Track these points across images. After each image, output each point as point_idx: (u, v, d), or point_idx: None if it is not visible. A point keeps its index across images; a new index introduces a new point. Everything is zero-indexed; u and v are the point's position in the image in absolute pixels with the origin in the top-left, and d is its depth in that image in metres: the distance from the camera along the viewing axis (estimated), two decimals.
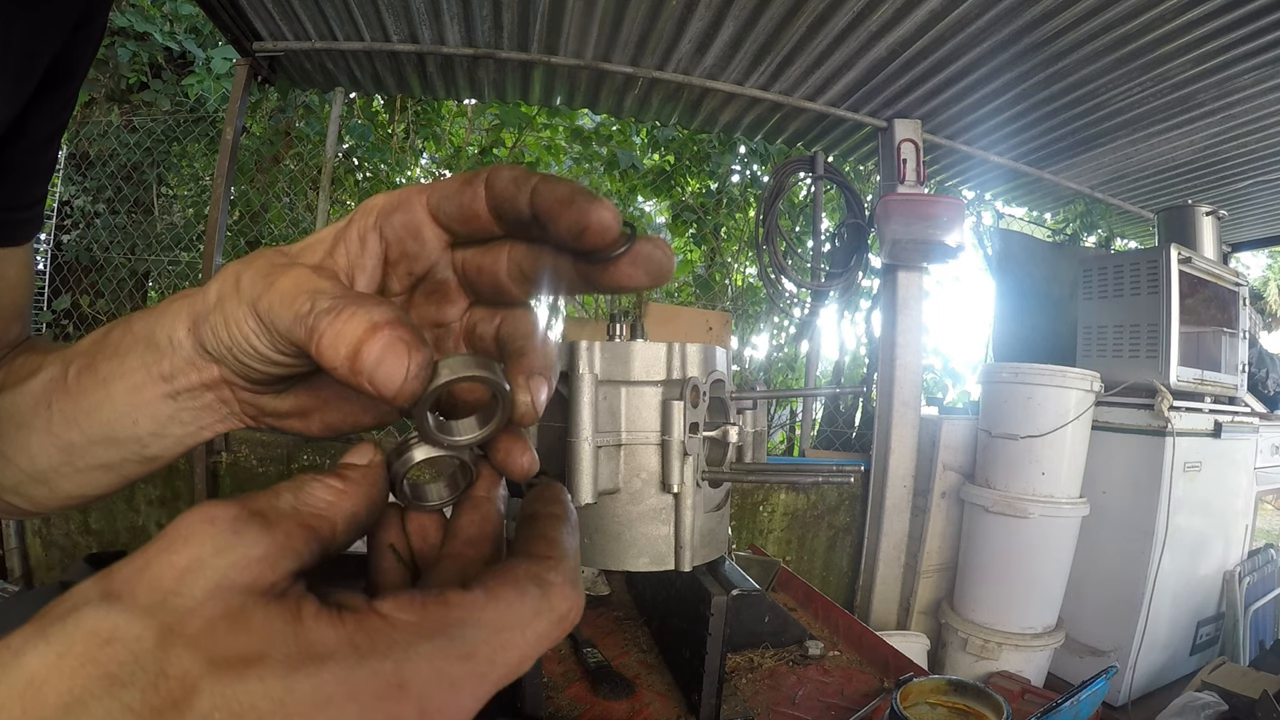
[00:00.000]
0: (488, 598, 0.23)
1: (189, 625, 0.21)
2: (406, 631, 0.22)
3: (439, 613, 0.23)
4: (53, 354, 0.42)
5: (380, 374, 0.25)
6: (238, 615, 0.21)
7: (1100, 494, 2.97)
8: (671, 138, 4.58)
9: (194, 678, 0.20)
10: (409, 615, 0.22)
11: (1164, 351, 2.89)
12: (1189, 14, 2.37)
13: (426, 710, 0.22)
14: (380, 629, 0.22)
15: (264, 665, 0.21)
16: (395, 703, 0.22)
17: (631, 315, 3.73)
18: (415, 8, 2.78)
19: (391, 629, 0.22)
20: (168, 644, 0.20)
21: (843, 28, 2.69)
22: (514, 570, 0.25)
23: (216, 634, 0.21)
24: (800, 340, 4.35)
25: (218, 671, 0.20)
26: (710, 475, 0.85)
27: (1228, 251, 4.64)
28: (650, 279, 0.29)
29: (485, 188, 0.30)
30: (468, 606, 0.23)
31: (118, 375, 0.37)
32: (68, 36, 0.47)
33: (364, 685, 0.21)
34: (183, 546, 0.22)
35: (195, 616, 0.21)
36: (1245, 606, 3.04)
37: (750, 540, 3.36)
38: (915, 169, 3.28)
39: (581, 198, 0.27)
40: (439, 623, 0.22)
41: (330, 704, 0.21)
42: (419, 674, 0.22)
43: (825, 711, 1.11)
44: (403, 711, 0.22)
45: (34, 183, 0.50)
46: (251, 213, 4.10)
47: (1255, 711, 2.07)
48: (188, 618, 0.21)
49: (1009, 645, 2.86)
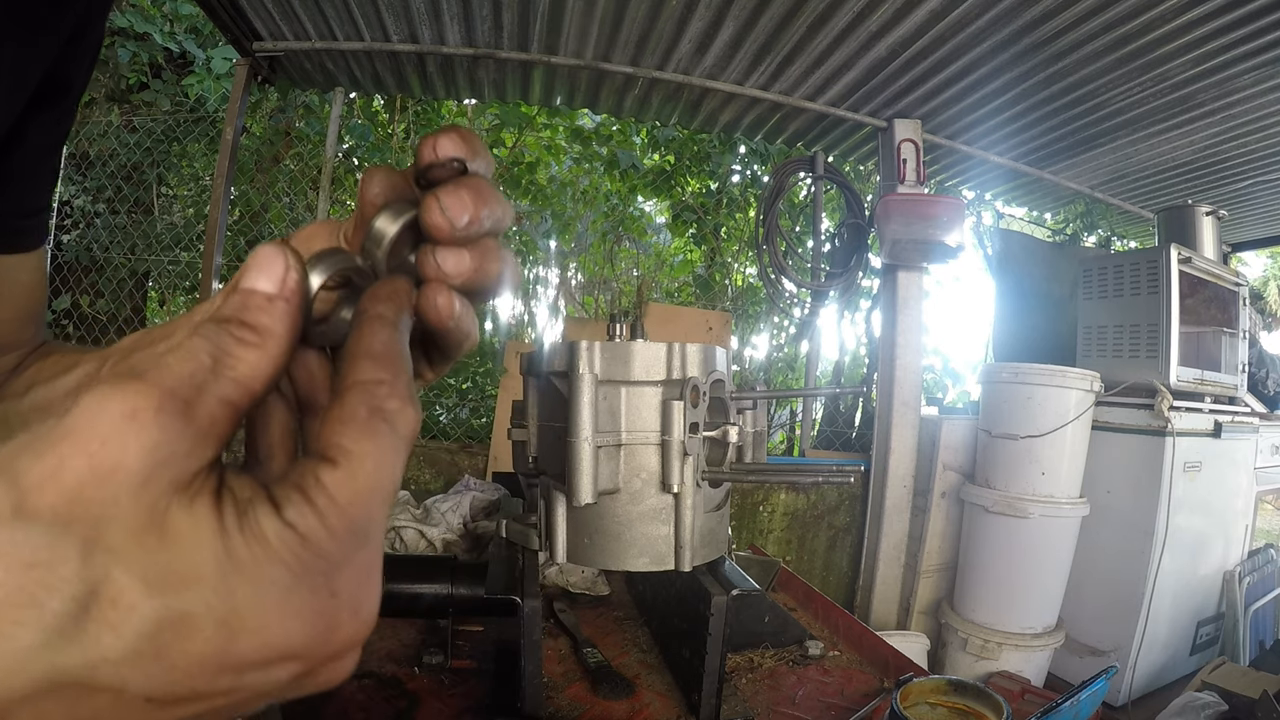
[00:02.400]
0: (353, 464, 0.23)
1: (115, 538, 0.20)
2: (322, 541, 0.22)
3: (332, 509, 0.22)
4: (92, 353, 0.43)
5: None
6: (163, 524, 0.20)
7: (1100, 494, 2.97)
8: (671, 138, 4.58)
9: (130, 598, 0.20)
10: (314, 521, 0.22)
11: (1164, 351, 2.89)
12: (1189, 14, 2.37)
13: (355, 606, 0.24)
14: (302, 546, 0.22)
15: (202, 585, 0.20)
16: (331, 611, 0.23)
17: (631, 315, 3.73)
18: (415, 8, 2.78)
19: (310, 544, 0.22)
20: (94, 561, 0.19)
21: (843, 28, 2.69)
22: (357, 411, 0.24)
23: (146, 548, 0.20)
24: (800, 340, 4.35)
25: (154, 591, 0.20)
26: (710, 475, 0.85)
27: (1228, 251, 4.64)
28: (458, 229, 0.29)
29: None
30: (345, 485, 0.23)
31: None
32: (62, 49, 0.47)
33: (303, 601, 0.22)
34: (100, 447, 0.20)
35: (120, 528, 0.20)
36: (1245, 606, 3.04)
37: (750, 540, 3.36)
38: (915, 169, 3.28)
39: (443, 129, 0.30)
40: (339, 521, 0.23)
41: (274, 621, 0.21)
42: (343, 578, 0.23)
43: (825, 711, 1.11)
44: (338, 616, 0.23)
45: (36, 191, 0.51)
46: (251, 213, 4.10)
47: (1255, 711, 2.07)
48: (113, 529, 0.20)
49: (1009, 645, 2.86)
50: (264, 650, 0.22)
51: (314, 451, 0.24)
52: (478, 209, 0.29)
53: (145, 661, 0.20)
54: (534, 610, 0.92)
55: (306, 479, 0.23)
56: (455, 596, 1.05)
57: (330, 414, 0.24)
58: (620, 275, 5.16)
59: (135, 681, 0.20)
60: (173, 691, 0.21)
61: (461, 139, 0.31)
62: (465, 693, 1.06)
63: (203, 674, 0.21)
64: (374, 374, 0.25)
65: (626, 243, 5.14)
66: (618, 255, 5.18)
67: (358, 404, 0.24)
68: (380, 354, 0.25)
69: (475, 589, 1.05)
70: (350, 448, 0.23)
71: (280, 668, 0.22)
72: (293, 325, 0.25)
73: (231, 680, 0.22)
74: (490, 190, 0.30)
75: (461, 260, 0.30)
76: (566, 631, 1.28)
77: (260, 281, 0.25)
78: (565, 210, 4.81)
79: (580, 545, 0.85)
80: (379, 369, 0.25)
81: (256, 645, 0.21)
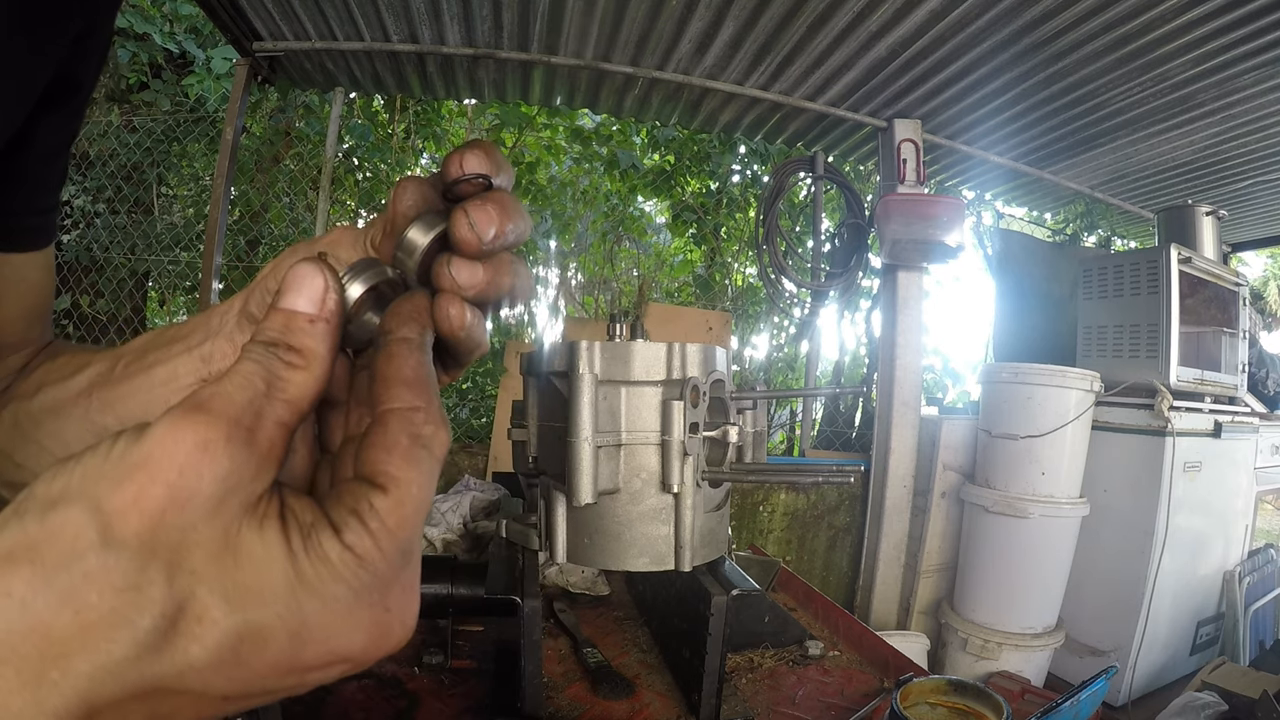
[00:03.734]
0: (401, 490, 0.25)
1: (195, 560, 0.22)
2: (377, 564, 0.25)
3: (384, 533, 0.25)
4: (103, 353, 0.44)
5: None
6: (237, 545, 0.23)
7: (1100, 494, 2.97)
8: (671, 138, 4.58)
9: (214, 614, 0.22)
10: (370, 544, 0.24)
11: (1164, 351, 2.89)
12: (1189, 14, 2.37)
13: (403, 617, 0.27)
14: (361, 568, 0.24)
15: (276, 601, 0.23)
16: (385, 622, 0.26)
17: (631, 315, 3.73)
18: (415, 8, 2.78)
19: (367, 565, 0.24)
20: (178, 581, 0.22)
21: (843, 28, 2.69)
22: (399, 439, 0.26)
23: (224, 568, 0.22)
24: (800, 340, 4.35)
25: (234, 607, 0.22)
26: (710, 475, 0.85)
27: (1228, 251, 4.64)
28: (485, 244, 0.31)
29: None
30: (395, 511, 0.25)
31: (162, 360, 0.40)
32: (71, 49, 0.47)
33: (364, 616, 0.25)
34: (178, 478, 0.22)
35: (200, 550, 0.22)
36: (1245, 606, 3.04)
37: (750, 540, 3.36)
38: (915, 169, 3.28)
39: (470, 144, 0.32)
40: (391, 544, 0.25)
41: (339, 633, 0.24)
42: (394, 594, 0.26)
43: (825, 711, 1.11)
44: (390, 626, 0.26)
45: (45, 191, 0.51)
46: (251, 212, 4.10)
47: (1255, 711, 2.07)
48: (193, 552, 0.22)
49: (1009, 645, 2.86)
50: (327, 656, 0.25)
51: (362, 475, 0.26)
52: (503, 224, 0.31)
53: (226, 668, 0.23)
54: (534, 610, 0.92)
55: (361, 505, 0.25)
56: (455, 596, 1.05)
57: (374, 439, 0.26)
58: (620, 275, 5.16)
59: (216, 685, 0.23)
60: (246, 690, 0.24)
61: (486, 154, 0.32)
62: (465, 693, 1.06)
63: (274, 676, 0.24)
64: (410, 400, 0.27)
65: (626, 243, 5.14)
66: (618, 255, 5.18)
67: (399, 431, 0.26)
68: (413, 379, 0.27)
69: (475, 589, 1.05)
70: (396, 475, 0.25)
71: (337, 668, 0.26)
72: (333, 344, 0.27)
73: (297, 680, 0.25)
74: (515, 205, 0.32)
75: (475, 273, 0.32)
76: (566, 631, 1.28)
77: (300, 302, 0.27)
78: (565, 210, 4.81)
79: (580, 545, 0.85)
80: (414, 395, 0.27)
81: (322, 653, 0.25)
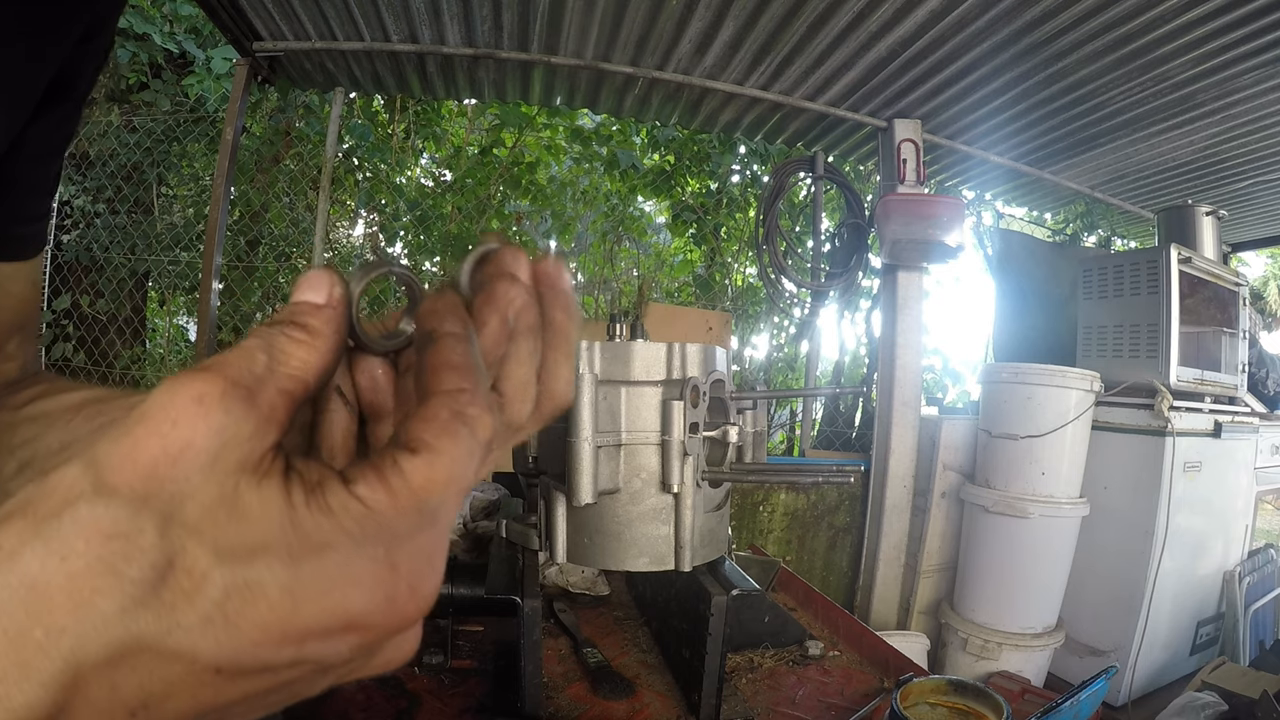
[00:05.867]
0: (435, 456, 0.24)
1: (189, 513, 0.21)
2: (387, 514, 0.23)
3: (404, 488, 0.24)
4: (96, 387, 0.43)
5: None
6: (234, 500, 0.22)
7: (1100, 494, 2.97)
8: (671, 138, 4.58)
9: (202, 567, 0.21)
10: (382, 495, 0.23)
11: (1164, 351, 2.89)
12: (1189, 14, 2.37)
13: (414, 583, 0.25)
14: (366, 518, 0.23)
15: (269, 554, 0.22)
16: (390, 583, 0.24)
17: (631, 315, 3.73)
18: (415, 8, 2.78)
19: (374, 514, 0.23)
20: (170, 534, 0.21)
21: (843, 28, 2.69)
22: (441, 415, 0.25)
23: (218, 521, 0.22)
24: (800, 340, 4.35)
25: (224, 560, 0.22)
26: (710, 475, 0.85)
27: (1228, 251, 4.64)
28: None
29: None
30: (423, 471, 0.24)
31: None
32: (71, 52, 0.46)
33: (363, 571, 0.24)
34: (171, 429, 0.21)
35: (193, 503, 0.22)
36: (1245, 606, 3.04)
37: (750, 540, 3.36)
38: (915, 169, 3.28)
39: None
40: (408, 499, 0.24)
41: (335, 588, 0.23)
42: (404, 553, 0.24)
43: (825, 711, 1.11)
44: (396, 588, 0.24)
45: (37, 196, 0.49)
46: (251, 213, 4.10)
47: (1255, 711, 2.07)
48: (186, 505, 0.21)
49: (1009, 645, 2.86)
50: (324, 617, 0.23)
51: (396, 443, 0.25)
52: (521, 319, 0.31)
53: (215, 628, 0.22)
54: (534, 610, 0.92)
55: (384, 461, 0.24)
56: (455, 596, 1.05)
57: (414, 415, 0.26)
58: (620, 275, 5.16)
59: (206, 649, 0.22)
60: (239, 661, 0.22)
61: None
62: (465, 693, 1.06)
63: (268, 642, 0.22)
64: (456, 383, 0.26)
65: (626, 243, 5.14)
66: (618, 255, 5.18)
67: (440, 407, 0.25)
68: (460, 365, 0.27)
69: (475, 589, 1.05)
70: (431, 442, 0.24)
71: (340, 639, 0.24)
72: (339, 327, 0.27)
73: (294, 651, 0.23)
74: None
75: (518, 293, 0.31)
76: (566, 631, 1.28)
77: (308, 294, 0.27)
78: (565, 210, 4.81)
79: (580, 545, 0.85)
80: (460, 379, 0.26)
81: (316, 611, 0.23)
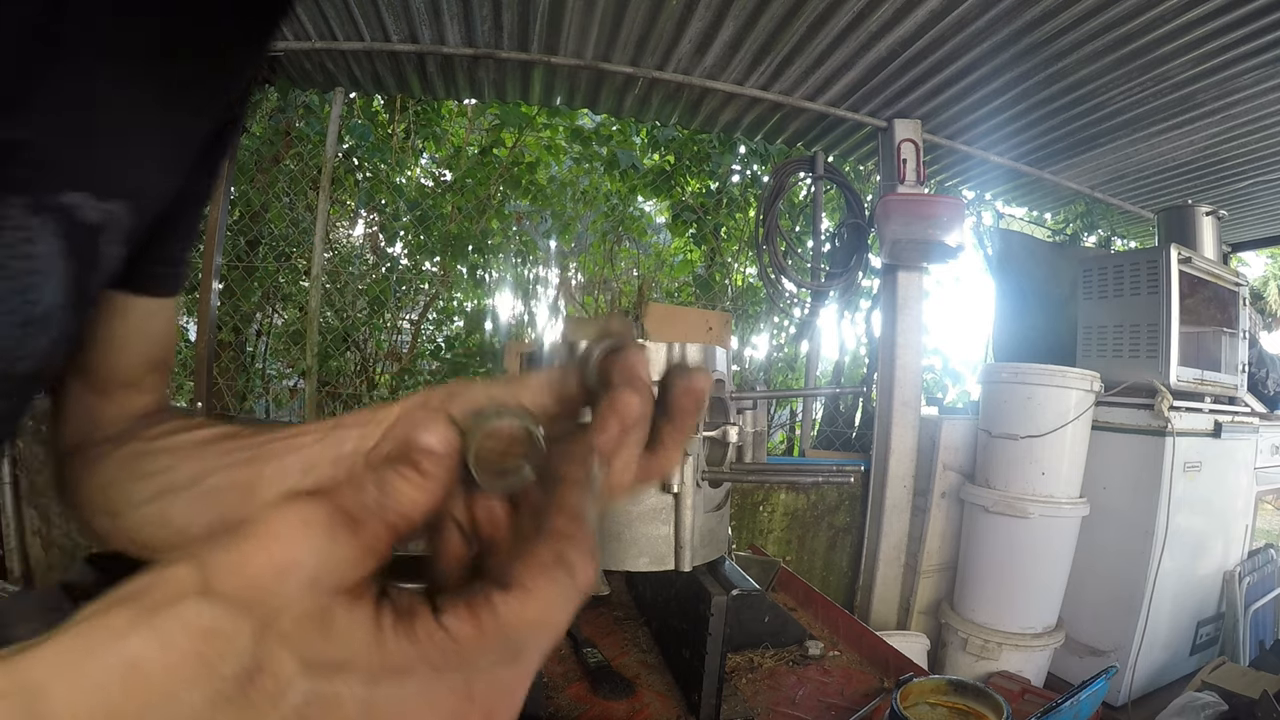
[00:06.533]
0: (528, 596, 0.25)
1: (283, 624, 0.23)
2: (470, 647, 0.24)
3: (492, 624, 0.24)
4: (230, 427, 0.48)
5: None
6: (327, 618, 0.24)
7: (1100, 494, 2.97)
8: (671, 138, 4.58)
9: (288, 674, 0.23)
10: (469, 628, 0.24)
11: (1164, 351, 2.89)
12: (1189, 14, 2.37)
13: (490, 713, 0.26)
14: (449, 647, 0.24)
15: (351, 671, 0.24)
16: (464, 713, 0.25)
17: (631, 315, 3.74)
18: (415, 8, 2.78)
19: (457, 645, 0.24)
20: (264, 640, 0.23)
21: (843, 28, 2.69)
22: (543, 557, 0.26)
23: (308, 635, 0.23)
24: (800, 340, 4.35)
25: (309, 671, 0.23)
26: (710, 475, 0.85)
27: (1228, 251, 4.64)
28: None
29: None
30: (514, 610, 0.25)
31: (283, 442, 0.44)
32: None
33: (439, 698, 0.25)
34: (278, 546, 0.23)
35: (289, 616, 0.23)
36: (1245, 606, 3.04)
37: (750, 540, 3.36)
38: (915, 169, 3.28)
39: None
40: (494, 634, 0.25)
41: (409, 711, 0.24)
42: (483, 684, 0.25)
43: (825, 711, 1.11)
44: (470, 717, 0.25)
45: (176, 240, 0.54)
46: (251, 213, 4.09)
47: (1255, 711, 2.07)
48: (282, 616, 0.23)
49: (1009, 645, 2.86)
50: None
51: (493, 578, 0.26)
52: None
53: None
54: None
55: (477, 596, 0.25)
56: None
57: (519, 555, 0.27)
58: (620, 275, 5.15)
59: None
60: None
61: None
62: None
63: None
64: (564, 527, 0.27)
65: (626, 243, 5.14)
66: (618, 255, 5.18)
67: (544, 550, 0.26)
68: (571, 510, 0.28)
69: None
70: (528, 584, 0.25)
71: None
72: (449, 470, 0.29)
73: None
74: None
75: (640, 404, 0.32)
76: (566, 631, 1.28)
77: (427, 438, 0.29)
78: (565, 210, 4.80)
79: None
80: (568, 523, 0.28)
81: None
